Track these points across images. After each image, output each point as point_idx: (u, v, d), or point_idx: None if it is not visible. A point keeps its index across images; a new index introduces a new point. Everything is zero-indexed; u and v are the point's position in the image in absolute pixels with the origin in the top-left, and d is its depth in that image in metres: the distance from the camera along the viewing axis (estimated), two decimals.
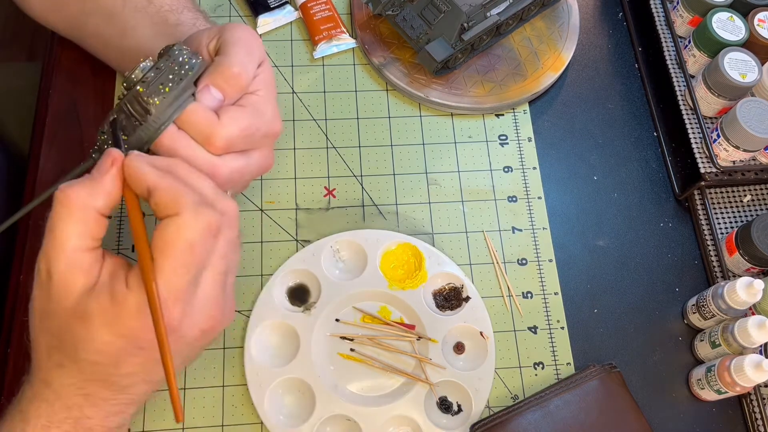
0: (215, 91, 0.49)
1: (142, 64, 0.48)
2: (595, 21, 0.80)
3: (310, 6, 0.74)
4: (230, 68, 0.49)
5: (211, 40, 0.52)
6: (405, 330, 0.61)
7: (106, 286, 0.42)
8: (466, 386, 0.59)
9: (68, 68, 0.71)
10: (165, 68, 0.48)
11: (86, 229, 0.42)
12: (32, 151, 0.68)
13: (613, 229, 0.69)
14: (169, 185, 0.42)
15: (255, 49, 0.52)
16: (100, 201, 0.42)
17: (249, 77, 0.51)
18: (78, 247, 0.42)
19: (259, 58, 0.53)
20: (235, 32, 0.52)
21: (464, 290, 0.63)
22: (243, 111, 0.50)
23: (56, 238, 0.41)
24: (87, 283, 0.42)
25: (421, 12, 0.69)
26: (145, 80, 0.47)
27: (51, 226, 0.42)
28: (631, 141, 0.73)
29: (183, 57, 0.49)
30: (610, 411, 0.58)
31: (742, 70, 0.67)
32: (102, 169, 0.43)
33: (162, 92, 0.47)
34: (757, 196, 0.71)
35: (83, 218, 0.42)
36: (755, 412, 0.61)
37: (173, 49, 0.49)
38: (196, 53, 0.50)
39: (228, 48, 0.51)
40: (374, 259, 0.63)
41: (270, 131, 0.53)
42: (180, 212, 0.41)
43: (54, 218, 0.42)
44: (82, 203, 0.42)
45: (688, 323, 0.65)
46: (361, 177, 0.69)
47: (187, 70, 0.48)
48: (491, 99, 0.72)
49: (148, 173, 0.43)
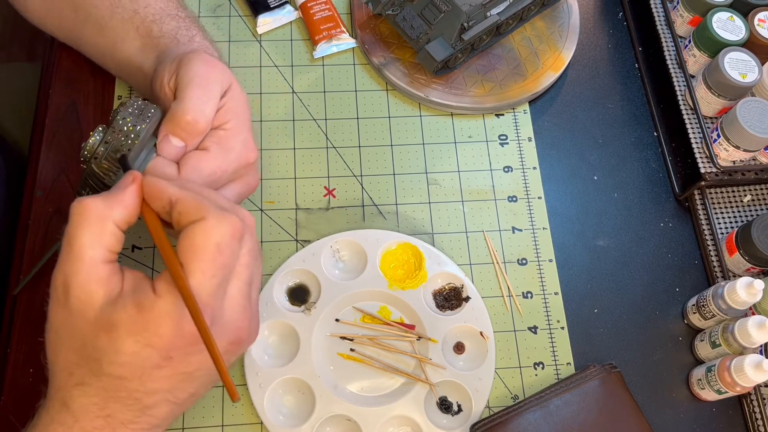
0: (175, 140, 0.49)
1: (90, 140, 0.48)
2: (595, 21, 0.80)
3: (310, 6, 0.74)
4: (184, 116, 0.48)
5: (171, 77, 0.51)
6: (405, 330, 0.61)
7: (131, 295, 0.40)
8: (466, 386, 0.59)
9: (68, 68, 0.71)
10: (113, 141, 0.48)
11: (103, 240, 0.41)
12: (32, 152, 0.68)
13: (613, 229, 0.69)
14: (191, 195, 0.42)
15: (212, 84, 0.50)
16: (118, 213, 0.42)
17: (206, 120, 0.50)
18: (96, 258, 0.40)
19: (222, 89, 0.51)
20: (190, 69, 0.50)
21: (464, 290, 0.63)
22: (205, 157, 0.49)
23: (73, 249, 0.40)
24: (109, 294, 0.40)
25: (421, 12, 0.69)
26: (97, 156, 0.48)
27: (68, 238, 0.40)
28: (631, 141, 0.73)
29: (128, 125, 0.48)
30: (610, 411, 0.58)
31: (742, 70, 0.67)
32: (122, 185, 0.43)
33: (114, 165, 0.48)
34: (757, 196, 0.71)
35: (100, 229, 0.41)
36: (755, 412, 0.61)
37: (117, 116, 0.49)
38: (145, 111, 0.49)
39: (182, 91, 0.50)
40: (374, 259, 0.63)
41: (242, 163, 0.52)
42: (206, 216, 0.41)
43: (71, 229, 0.40)
44: (100, 214, 0.41)
45: (688, 323, 0.65)
46: (361, 177, 0.69)
47: (133, 139, 0.48)
48: (491, 99, 0.72)
49: (169, 186, 0.42)
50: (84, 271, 0.40)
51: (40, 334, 0.60)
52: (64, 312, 0.40)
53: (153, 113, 0.49)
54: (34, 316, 0.61)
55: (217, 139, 0.50)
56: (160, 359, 0.40)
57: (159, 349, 0.40)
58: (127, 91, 0.71)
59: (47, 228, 0.64)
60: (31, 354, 0.60)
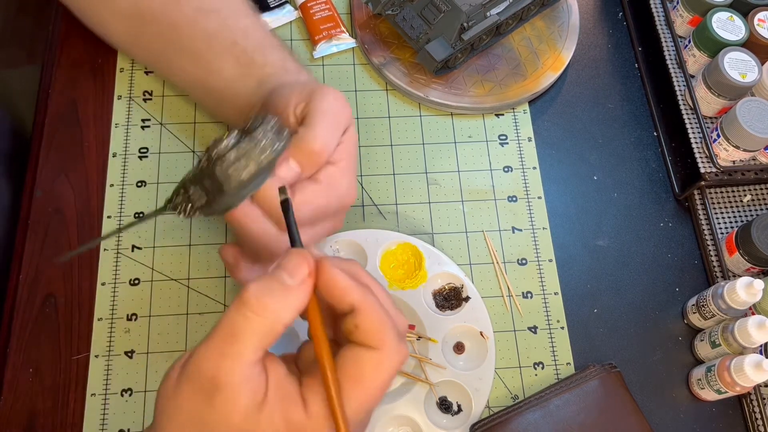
0: (293, 164, 0.49)
1: (225, 141, 0.47)
2: (595, 21, 0.80)
3: (309, 6, 0.74)
4: (312, 144, 0.48)
5: (299, 103, 0.51)
6: None
7: (279, 404, 0.37)
8: (466, 386, 0.59)
9: (68, 68, 0.71)
10: (248, 151, 0.46)
11: (266, 342, 0.37)
12: (32, 151, 0.68)
13: (613, 229, 0.69)
14: (376, 310, 0.38)
15: (342, 120, 0.51)
16: (290, 317, 0.38)
17: (329, 153, 0.49)
18: (255, 361, 0.37)
19: (345, 126, 0.51)
20: (324, 101, 0.50)
21: (464, 290, 0.63)
22: (316, 190, 0.49)
23: (236, 346, 0.36)
24: (255, 398, 0.37)
25: (421, 12, 0.69)
26: (226, 160, 0.46)
27: (231, 330, 0.36)
28: (631, 141, 0.73)
29: (267, 139, 0.47)
30: (610, 411, 0.58)
31: (742, 69, 0.67)
32: (296, 275, 0.38)
33: (240, 174, 0.46)
34: (757, 195, 0.71)
35: (269, 331, 0.37)
36: (755, 412, 0.61)
37: (258, 128, 0.47)
38: (282, 131, 0.48)
39: (314, 119, 0.49)
40: (374, 259, 0.63)
41: (342, 205, 0.52)
42: (383, 348, 0.38)
43: (238, 323, 0.36)
44: (276, 317, 0.37)
45: (688, 323, 0.65)
46: (361, 177, 0.69)
47: (268, 155, 0.47)
48: (491, 99, 0.72)
49: (351, 288, 0.38)
50: (240, 374, 0.36)
51: (40, 334, 0.60)
52: (206, 406, 0.37)
53: (287, 135, 0.49)
54: (34, 316, 0.61)
55: (329, 175, 0.50)
56: None
57: None
58: (127, 92, 0.71)
59: (47, 228, 0.64)
60: (31, 354, 0.60)
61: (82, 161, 0.67)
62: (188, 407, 0.37)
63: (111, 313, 0.62)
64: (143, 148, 0.68)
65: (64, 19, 0.73)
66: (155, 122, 0.70)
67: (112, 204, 0.66)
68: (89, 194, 0.66)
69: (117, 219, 0.65)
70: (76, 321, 0.61)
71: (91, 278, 0.63)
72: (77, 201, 0.66)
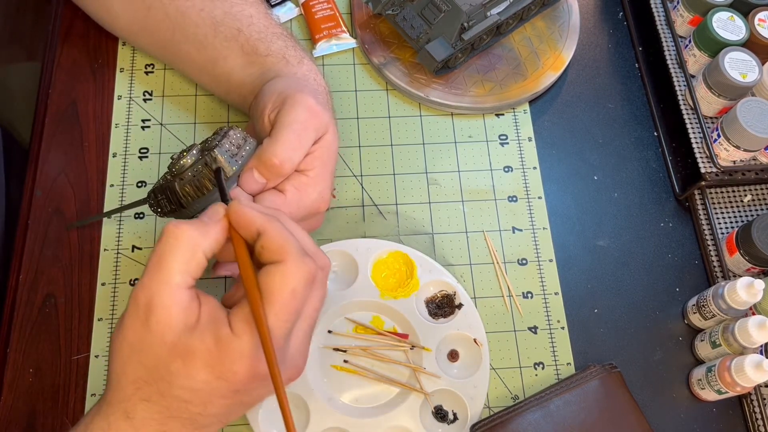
0: (258, 176, 0.51)
1: (184, 160, 0.49)
2: (596, 21, 0.80)
3: (311, 4, 0.74)
4: (272, 158, 0.50)
5: (273, 110, 0.53)
6: (398, 339, 0.61)
7: (210, 327, 0.41)
8: (461, 394, 0.59)
9: (68, 68, 0.71)
10: (203, 172, 0.49)
11: (191, 267, 0.42)
12: (32, 151, 0.68)
13: (613, 229, 0.69)
14: (277, 230, 0.43)
15: (309, 132, 0.52)
16: (208, 244, 0.43)
17: (292, 167, 0.51)
18: (181, 284, 0.42)
19: (317, 136, 0.53)
20: (292, 113, 0.52)
21: (457, 297, 0.62)
22: (279, 201, 0.51)
23: (162, 271, 0.41)
24: (188, 321, 0.41)
25: (421, 11, 0.69)
26: (183, 178, 0.49)
27: (158, 258, 0.41)
28: (631, 141, 0.73)
29: (223, 163, 0.49)
30: (610, 411, 0.58)
31: (743, 69, 0.67)
32: (214, 216, 0.44)
33: (196, 194, 0.49)
34: (758, 196, 0.71)
35: (190, 256, 0.42)
36: (755, 412, 0.61)
37: (215, 149, 0.49)
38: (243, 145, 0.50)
39: (278, 132, 0.51)
40: (365, 269, 0.62)
41: (312, 212, 0.53)
42: (286, 260, 0.42)
43: (162, 251, 0.41)
44: (193, 242, 0.42)
45: (688, 323, 0.65)
46: (361, 177, 0.69)
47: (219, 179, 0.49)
48: (491, 99, 0.71)
49: (257, 217, 0.43)
50: (169, 295, 0.41)
51: (40, 334, 0.60)
52: (143, 330, 0.41)
53: (248, 151, 0.51)
54: (34, 316, 0.61)
55: (297, 184, 0.52)
56: (228, 392, 0.42)
57: (230, 383, 0.41)
58: (127, 92, 0.71)
59: (47, 228, 0.64)
60: (31, 354, 0.60)
61: (82, 161, 0.67)
62: (131, 337, 0.42)
63: (111, 313, 0.62)
64: (143, 149, 0.68)
65: (64, 19, 0.73)
66: (155, 122, 0.70)
67: (112, 204, 0.66)
68: (89, 194, 0.66)
69: (117, 219, 0.65)
70: (76, 321, 0.61)
71: (91, 278, 0.63)
72: (77, 201, 0.66)
